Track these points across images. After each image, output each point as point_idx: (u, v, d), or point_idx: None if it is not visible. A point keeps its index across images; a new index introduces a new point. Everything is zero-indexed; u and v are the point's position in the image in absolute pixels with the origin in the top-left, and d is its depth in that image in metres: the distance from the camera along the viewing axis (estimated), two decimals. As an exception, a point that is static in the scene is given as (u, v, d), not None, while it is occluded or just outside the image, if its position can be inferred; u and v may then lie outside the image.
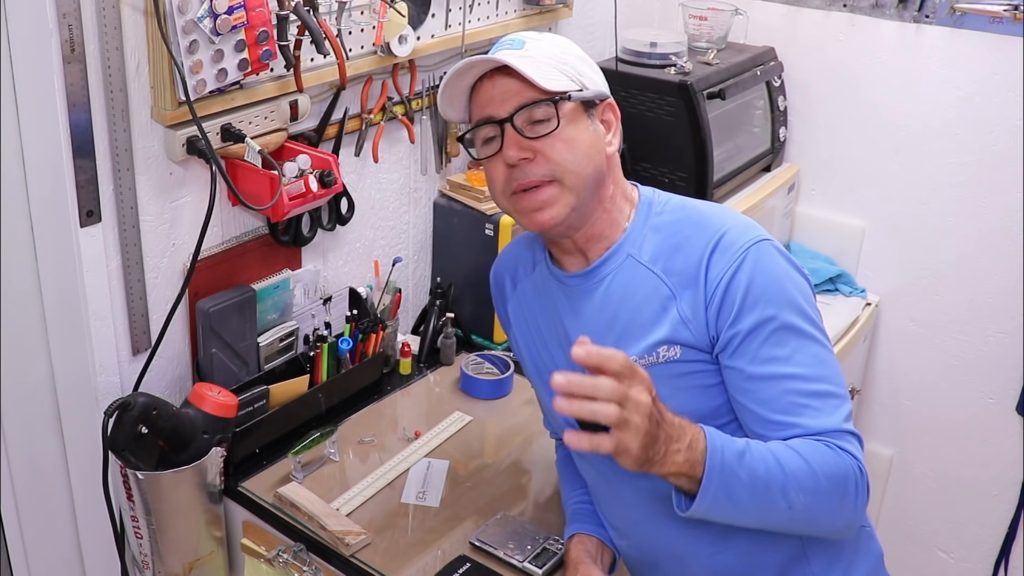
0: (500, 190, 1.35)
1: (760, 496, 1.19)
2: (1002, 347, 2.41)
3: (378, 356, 1.93)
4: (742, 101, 2.39)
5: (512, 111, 1.30)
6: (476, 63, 1.30)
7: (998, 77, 2.25)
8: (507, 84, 1.30)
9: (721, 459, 1.16)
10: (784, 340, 1.26)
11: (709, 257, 1.28)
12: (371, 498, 1.64)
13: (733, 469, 1.17)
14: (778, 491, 1.19)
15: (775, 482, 1.19)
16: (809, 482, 1.20)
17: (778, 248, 1.31)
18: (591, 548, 1.47)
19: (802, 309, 1.28)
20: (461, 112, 1.38)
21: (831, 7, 2.44)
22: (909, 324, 2.55)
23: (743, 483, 1.17)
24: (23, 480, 1.69)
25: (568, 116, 1.31)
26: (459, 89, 1.35)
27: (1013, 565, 2.54)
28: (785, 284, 1.28)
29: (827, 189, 2.58)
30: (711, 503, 1.17)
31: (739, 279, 1.26)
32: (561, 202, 1.31)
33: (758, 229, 1.32)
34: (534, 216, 1.33)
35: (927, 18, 2.31)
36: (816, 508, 1.22)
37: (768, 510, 1.21)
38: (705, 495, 1.16)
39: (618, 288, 1.35)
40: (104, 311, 1.59)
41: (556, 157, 1.30)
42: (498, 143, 1.32)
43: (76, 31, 1.41)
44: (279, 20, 1.59)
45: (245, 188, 1.65)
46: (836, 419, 1.25)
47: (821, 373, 1.27)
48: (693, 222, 1.33)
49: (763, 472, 1.18)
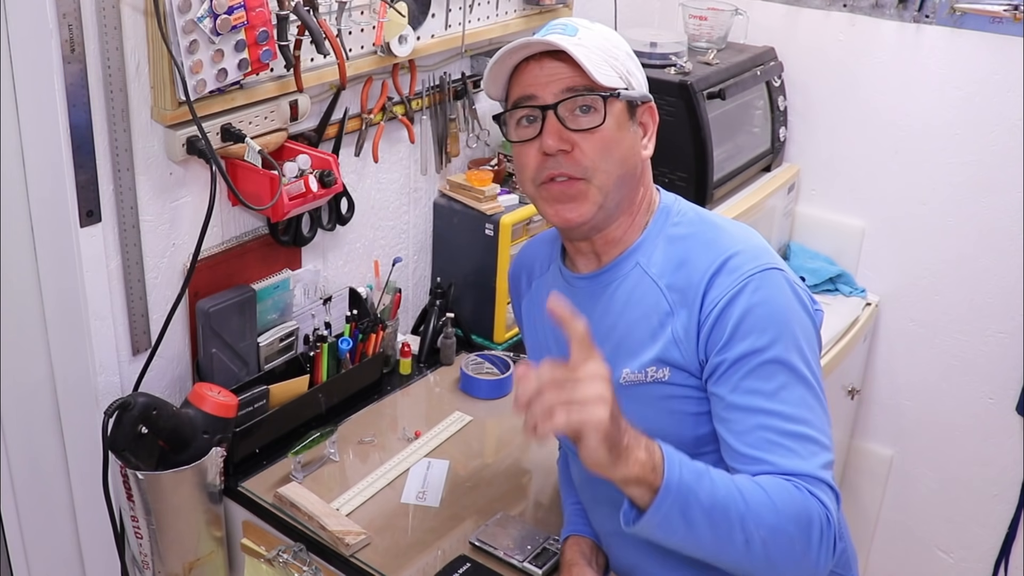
0: (530, 177, 1.30)
1: (717, 522, 1.11)
2: (1002, 347, 2.41)
3: (378, 356, 1.93)
4: (742, 101, 2.39)
5: (558, 97, 1.25)
6: (532, 43, 1.25)
7: (998, 77, 2.25)
8: (556, 68, 1.26)
9: (679, 472, 1.10)
10: (771, 375, 1.19)
11: (711, 279, 1.23)
12: (371, 498, 1.64)
13: (691, 486, 1.10)
14: (736, 521, 1.11)
15: (734, 511, 1.11)
16: (770, 519, 1.12)
17: (788, 280, 1.25)
18: (586, 549, 1.46)
19: (799, 347, 1.21)
20: (500, 90, 1.33)
21: (831, 7, 2.44)
22: (909, 324, 2.55)
23: (700, 503, 1.10)
24: (23, 480, 1.69)
25: (615, 115, 1.27)
26: (505, 67, 1.30)
27: (1013, 565, 2.54)
28: (786, 317, 1.22)
29: (827, 189, 2.58)
30: (664, 517, 1.10)
31: (736, 305, 1.20)
32: (589, 201, 1.27)
33: (770, 255, 1.26)
34: (560, 209, 1.28)
35: (927, 18, 2.31)
36: (775, 550, 1.12)
37: (723, 540, 1.12)
38: (660, 507, 1.09)
39: (621, 297, 1.32)
40: (104, 311, 1.59)
41: (593, 155, 1.26)
42: (536, 128, 1.27)
43: (76, 31, 1.41)
44: (279, 20, 1.58)
45: (245, 188, 1.65)
46: (811, 464, 1.17)
47: (804, 416, 1.19)
48: (705, 240, 1.28)
49: (722, 497, 1.12)
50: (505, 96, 1.33)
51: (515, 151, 1.32)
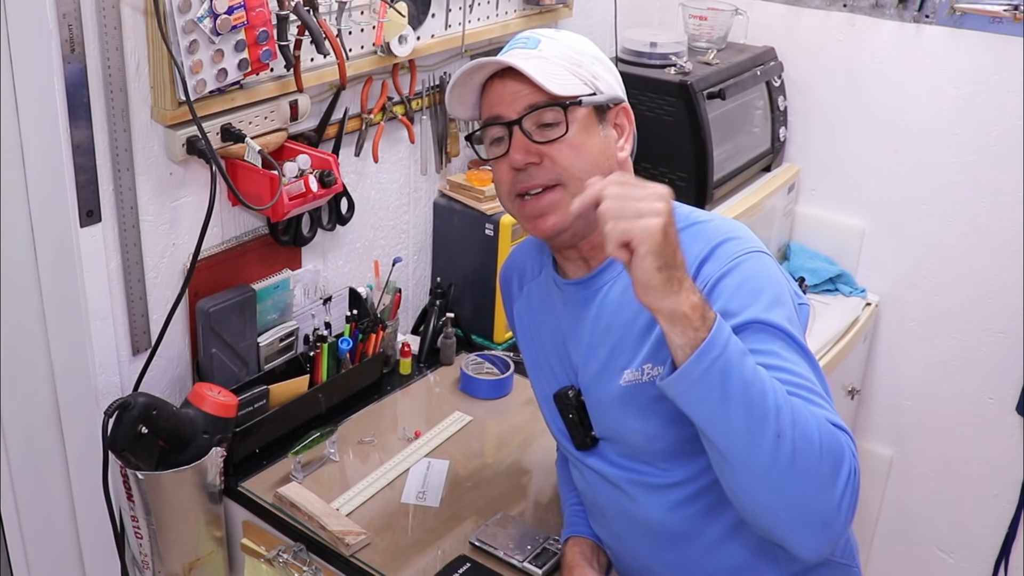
0: (506, 192, 1.33)
1: (754, 403, 1.05)
2: (1002, 347, 2.41)
3: (378, 356, 1.93)
4: (742, 101, 2.39)
5: (521, 113, 1.28)
6: (485, 64, 1.28)
7: (998, 77, 2.25)
8: (517, 85, 1.28)
9: (728, 335, 1.06)
10: (768, 339, 1.16)
11: (701, 263, 1.23)
12: (371, 498, 1.64)
13: (736, 353, 1.06)
14: (773, 410, 1.05)
15: (772, 400, 1.06)
16: (806, 427, 1.06)
17: (779, 268, 1.26)
18: (587, 551, 1.46)
19: (791, 317, 1.20)
20: (471, 109, 1.36)
21: (831, 7, 2.44)
22: (909, 324, 2.55)
23: (743, 375, 1.05)
24: (23, 480, 1.69)
25: (578, 121, 1.28)
26: (469, 88, 1.32)
27: (1013, 565, 2.54)
28: (778, 289, 1.22)
29: (827, 189, 2.58)
30: (702, 375, 1.04)
31: (727, 281, 1.20)
32: (564, 207, 1.27)
33: (758, 244, 1.27)
34: (537, 223, 1.30)
35: (927, 18, 2.31)
36: (803, 459, 1.06)
37: (756, 425, 1.05)
38: (701, 360, 1.03)
39: (613, 299, 1.32)
40: (104, 311, 1.59)
41: (563, 162, 1.27)
42: (505, 144, 1.30)
43: (76, 31, 1.41)
44: (279, 20, 1.59)
45: (245, 188, 1.65)
46: (831, 415, 1.13)
47: (808, 377, 1.16)
48: (693, 232, 1.28)
49: (765, 381, 1.07)
50: (478, 116, 1.36)
51: (492, 169, 1.35)
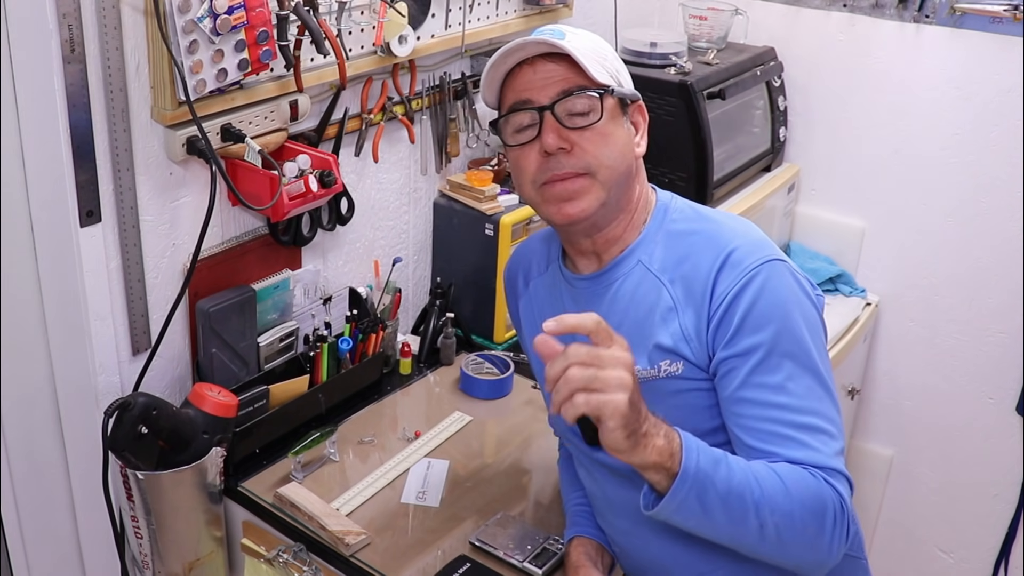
0: (530, 179, 1.30)
1: (733, 508, 1.14)
2: (1002, 347, 2.41)
3: (378, 356, 1.93)
4: (742, 101, 2.39)
5: (553, 99, 1.26)
6: (529, 43, 1.26)
7: (998, 77, 2.25)
8: (550, 70, 1.27)
9: (697, 459, 1.12)
10: (778, 367, 1.20)
11: (716, 274, 1.24)
12: (371, 498, 1.64)
13: (708, 473, 1.13)
14: (751, 507, 1.14)
15: (749, 497, 1.14)
16: (784, 505, 1.15)
17: (790, 270, 1.27)
18: (591, 551, 1.46)
19: (803, 337, 1.23)
20: (494, 96, 1.34)
21: (831, 7, 2.44)
22: (909, 324, 2.55)
23: (717, 490, 1.13)
24: (23, 480, 1.69)
25: (609, 110, 1.28)
26: (500, 72, 1.31)
27: (1013, 565, 2.54)
28: (790, 309, 1.23)
29: (827, 189, 2.58)
30: (681, 503, 1.12)
31: (743, 298, 1.22)
32: (592, 195, 1.27)
33: (771, 248, 1.27)
34: (563, 206, 1.29)
35: (927, 18, 2.31)
36: (788, 535, 1.16)
37: (738, 525, 1.16)
38: (677, 492, 1.11)
39: (625, 295, 1.33)
40: (104, 311, 1.59)
41: (593, 151, 1.27)
42: (533, 131, 1.28)
43: (76, 31, 1.41)
44: (279, 20, 1.58)
45: (245, 188, 1.65)
46: (823, 455, 1.19)
47: (812, 406, 1.21)
48: (705, 235, 1.29)
49: (738, 484, 1.14)
50: (498, 103, 1.35)
51: (513, 156, 1.33)
